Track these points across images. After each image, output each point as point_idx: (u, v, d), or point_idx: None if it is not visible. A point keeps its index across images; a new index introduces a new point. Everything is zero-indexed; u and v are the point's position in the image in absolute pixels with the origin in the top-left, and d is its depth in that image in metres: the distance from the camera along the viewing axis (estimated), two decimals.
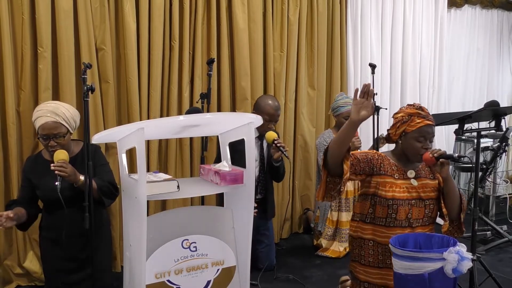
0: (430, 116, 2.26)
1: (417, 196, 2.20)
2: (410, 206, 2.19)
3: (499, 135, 4.05)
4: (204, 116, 2.29)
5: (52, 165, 2.14)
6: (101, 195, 2.31)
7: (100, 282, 2.37)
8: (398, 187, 2.19)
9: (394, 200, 2.17)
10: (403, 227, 2.19)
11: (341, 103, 3.75)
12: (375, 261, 2.24)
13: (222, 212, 2.22)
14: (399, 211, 2.17)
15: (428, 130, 2.20)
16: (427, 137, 2.20)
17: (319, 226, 3.83)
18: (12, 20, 3.01)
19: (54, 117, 2.24)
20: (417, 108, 2.25)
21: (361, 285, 2.31)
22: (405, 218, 2.19)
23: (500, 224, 4.34)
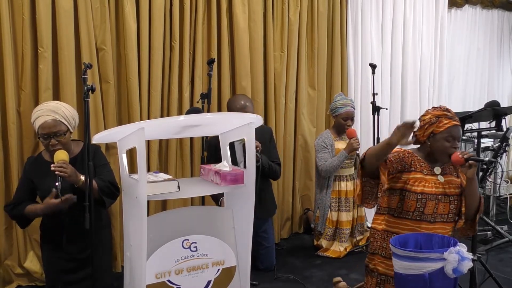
0: (456, 117, 2.33)
1: (443, 192, 2.28)
2: (437, 201, 2.27)
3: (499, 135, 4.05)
4: (205, 116, 2.29)
5: (53, 165, 2.14)
6: (102, 195, 2.31)
7: (101, 282, 2.37)
8: (427, 182, 2.29)
9: (423, 194, 2.27)
10: (429, 222, 2.27)
11: (340, 104, 3.75)
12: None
13: (222, 212, 2.23)
14: (427, 205, 2.26)
15: (456, 130, 2.28)
16: (455, 137, 2.28)
17: (319, 227, 3.83)
18: (13, 20, 3.01)
19: (54, 115, 2.25)
20: (443, 110, 2.34)
21: (379, 277, 2.38)
22: (432, 213, 2.27)
23: (500, 224, 4.34)
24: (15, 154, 3.03)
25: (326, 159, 3.70)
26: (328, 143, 3.75)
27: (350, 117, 3.74)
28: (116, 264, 3.39)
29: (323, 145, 3.75)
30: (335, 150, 3.74)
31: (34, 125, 2.30)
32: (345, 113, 3.72)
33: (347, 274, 3.34)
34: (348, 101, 3.77)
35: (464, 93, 5.43)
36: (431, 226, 2.26)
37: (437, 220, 2.28)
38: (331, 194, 3.77)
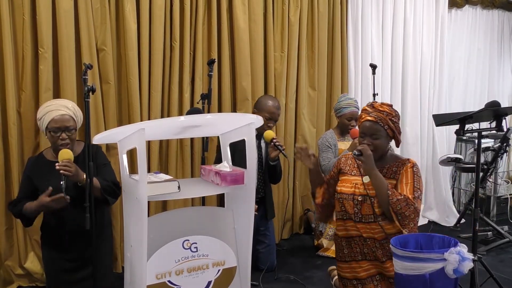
0: (380, 114, 2.30)
1: (364, 193, 2.28)
2: (357, 201, 2.29)
3: (500, 135, 4.05)
4: (205, 117, 2.29)
5: (57, 164, 2.15)
6: (105, 194, 2.33)
7: (101, 282, 2.37)
8: (348, 183, 2.34)
9: (341, 194, 2.34)
10: (355, 221, 2.30)
11: (344, 104, 3.75)
12: (342, 256, 2.39)
13: (223, 212, 2.22)
14: (346, 205, 2.31)
15: (366, 125, 2.31)
16: (366, 133, 2.32)
17: (320, 226, 3.83)
18: (13, 21, 3.01)
19: (66, 110, 2.31)
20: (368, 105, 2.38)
21: (341, 281, 2.44)
22: (354, 213, 2.29)
23: (501, 224, 4.33)
24: (16, 154, 3.03)
25: (330, 158, 3.70)
26: (332, 143, 3.75)
27: (354, 118, 3.74)
28: (117, 264, 3.39)
29: (327, 144, 3.74)
30: (338, 150, 3.74)
31: (42, 120, 2.32)
32: (350, 113, 3.72)
33: None
34: (352, 102, 3.77)
35: (465, 93, 5.42)
36: (360, 226, 2.28)
37: (364, 221, 2.28)
38: None
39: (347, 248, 2.36)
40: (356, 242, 2.33)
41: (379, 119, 2.26)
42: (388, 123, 2.28)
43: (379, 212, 2.24)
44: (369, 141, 2.27)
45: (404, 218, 2.17)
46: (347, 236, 2.34)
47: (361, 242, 2.31)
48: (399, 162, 2.34)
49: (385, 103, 2.37)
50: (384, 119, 2.27)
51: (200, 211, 2.29)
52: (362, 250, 2.32)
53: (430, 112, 4.82)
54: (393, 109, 2.34)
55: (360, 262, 2.33)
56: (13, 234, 3.13)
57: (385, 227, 2.24)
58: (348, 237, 2.34)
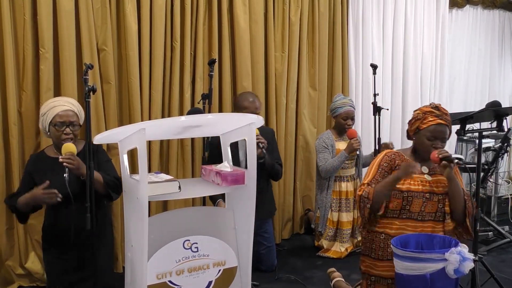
0: (446, 116, 2.28)
1: (430, 190, 2.26)
2: (425, 199, 2.25)
3: (500, 135, 4.05)
4: (206, 117, 2.29)
5: (61, 157, 2.18)
6: (108, 189, 2.35)
7: (102, 282, 2.37)
8: (413, 180, 2.27)
9: (409, 192, 2.25)
10: (416, 220, 2.25)
11: (339, 103, 3.75)
12: (385, 254, 2.31)
13: (223, 212, 2.23)
14: (413, 203, 2.24)
15: (439, 129, 2.24)
16: (438, 136, 2.24)
17: (319, 227, 3.83)
18: (14, 21, 3.01)
19: (71, 106, 2.36)
20: (432, 107, 2.31)
21: (369, 278, 2.38)
22: (419, 211, 2.25)
23: (502, 224, 4.33)
24: (16, 154, 3.03)
25: (327, 159, 3.70)
26: (329, 143, 3.75)
27: (350, 117, 3.74)
28: (117, 264, 3.39)
29: (323, 145, 3.75)
30: (335, 151, 3.74)
31: (46, 114, 2.33)
32: (345, 112, 3.72)
33: (348, 274, 3.33)
34: (347, 101, 3.77)
35: (465, 93, 5.42)
36: (419, 224, 2.24)
37: (426, 219, 2.26)
38: (332, 194, 3.77)
39: (388, 247, 2.27)
40: None
41: (448, 123, 2.26)
42: (451, 127, 2.30)
43: (448, 211, 2.25)
44: (440, 144, 2.25)
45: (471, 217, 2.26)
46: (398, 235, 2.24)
47: None
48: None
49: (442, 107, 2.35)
50: (450, 123, 2.28)
51: (201, 211, 2.29)
52: None
53: None
54: None
55: None
56: (14, 234, 3.13)
57: (449, 224, 2.27)
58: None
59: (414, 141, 2.35)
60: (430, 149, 2.23)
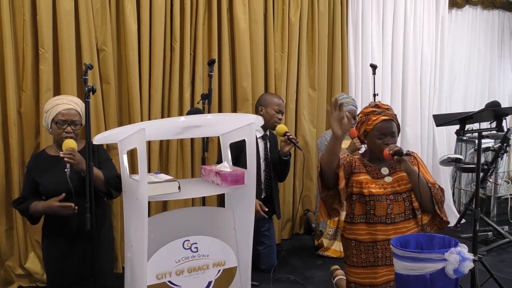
0: (389, 111, 2.26)
1: (393, 191, 2.24)
2: (389, 201, 2.22)
3: (500, 135, 4.05)
4: (205, 117, 2.29)
5: (62, 152, 2.20)
6: (108, 187, 2.36)
7: (102, 282, 2.37)
8: (374, 184, 2.24)
9: (370, 196, 2.22)
10: (386, 223, 2.21)
11: (342, 102, 3.74)
12: (359, 261, 2.28)
13: (223, 212, 2.22)
14: (377, 207, 2.21)
15: (385, 125, 2.23)
16: (386, 132, 2.23)
17: (320, 226, 3.83)
18: (14, 21, 3.01)
19: (74, 105, 2.38)
20: (372, 106, 2.30)
21: (349, 285, 2.34)
22: (385, 214, 2.21)
23: (501, 224, 4.33)
24: (16, 154, 3.03)
25: None
26: None
27: (353, 116, 3.74)
28: (117, 264, 3.39)
29: (326, 144, 3.74)
30: None
31: (49, 112, 2.35)
32: (348, 111, 3.72)
33: None
34: (350, 100, 3.77)
35: (465, 93, 5.42)
36: (390, 227, 2.20)
37: (397, 221, 2.22)
38: None
39: (365, 253, 2.25)
40: (381, 247, 2.23)
41: (392, 116, 2.25)
42: (397, 119, 2.29)
43: (417, 206, 2.23)
44: (390, 140, 2.23)
45: (442, 204, 2.21)
46: (371, 240, 2.24)
47: (385, 246, 2.22)
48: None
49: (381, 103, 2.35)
50: (394, 116, 2.27)
51: (201, 211, 2.29)
52: (384, 255, 2.23)
53: (430, 112, 4.82)
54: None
55: (379, 267, 2.24)
56: (14, 234, 3.13)
57: (423, 218, 2.23)
58: (372, 242, 2.24)
59: (368, 145, 2.33)
60: (382, 147, 2.20)
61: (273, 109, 3.33)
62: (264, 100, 3.42)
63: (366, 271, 2.25)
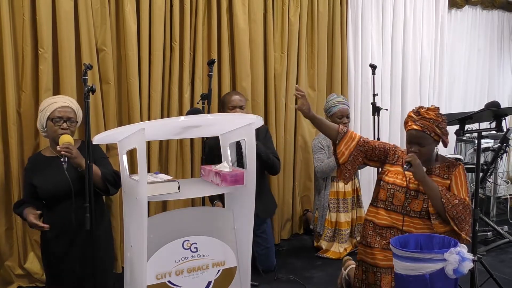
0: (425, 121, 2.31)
1: (416, 188, 2.32)
2: (409, 195, 2.32)
3: (500, 135, 4.05)
4: (205, 117, 2.29)
5: (59, 146, 2.23)
6: (106, 183, 2.37)
7: (101, 282, 2.37)
8: (401, 175, 2.36)
9: (393, 185, 2.36)
10: (401, 213, 2.33)
11: (333, 103, 3.75)
12: (372, 241, 2.42)
13: (222, 212, 2.23)
14: (395, 197, 2.33)
15: (412, 134, 2.33)
16: (412, 141, 2.34)
17: (318, 228, 3.83)
18: (13, 21, 3.01)
19: (70, 104, 2.41)
20: (414, 111, 2.38)
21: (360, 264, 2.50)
22: (401, 205, 2.33)
23: (501, 224, 4.33)
24: (16, 155, 3.03)
25: (323, 160, 3.70)
26: (325, 144, 3.75)
27: (345, 115, 3.72)
28: (117, 264, 3.38)
29: (319, 146, 3.75)
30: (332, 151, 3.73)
31: (45, 110, 2.37)
32: (339, 111, 3.71)
33: None
34: (340, 99, 3.77)
35: (465, 93, 5.43)
36: (407, 219, 2.31)
37: (411, 215, 2.32)
38: (329, 195, 3.77)
39: (377, 235, 2.38)
40: (390, 233, 2.35)
41: (424, 128, 2.29)
42: (435, 130, 2.30)
43: (433, 211, 2.28)
44: (417, 148, 2.32)
45: (461, 221, 2.23)
46: (383, 225, 2.37)
47: (395, 234, 2.33)
48: (449, 163, 2.41)
49: (432, 108, 2.36)
50: (430, 127, 2.28)
51: (200, 212, 2.29)
52: None
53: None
54: (440, 114, 2.34)
55: (385, 251, 2.35)
56: (13, 234, 3.13)
57: (438, 225, 2.28)
58: (383, 226, 2.37)
59: None
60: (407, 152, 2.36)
61: (228, 108, 3.24)
62: (222, 103, 3.35)
63: (374, 251, 2.38)
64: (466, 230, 2.26)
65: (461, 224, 2.24)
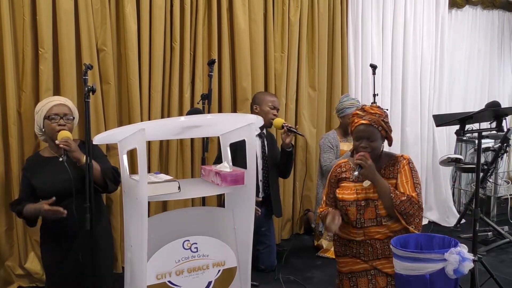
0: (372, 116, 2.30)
1: (366, 197, 2.29)
2: (360, 207, 2.29)
3: (500, 135, 4.05)
4: (205, 117, 2.29)
5: (57, 141, 2.23)
6: (106, 179, 2.37)
7: (101, 282, 2.37)
8: (349, 189, 2.33)
9: (343, 201, 2.32)
10: (356, 227, 2.30)
11: (347, 104, 3.74)
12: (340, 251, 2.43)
13: (223, 212, 2.22)
14: (348, 212, 2.30)
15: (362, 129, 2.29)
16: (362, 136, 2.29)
17: (320, 227, 3.83)
18: (13, 21, 3.01)
19: (64, 102, 2.43)
20: (359, 109, 2.36)
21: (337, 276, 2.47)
22: (355, 219, 2.29)
23: (501, 224, 4.33)
24: (16, 154, 3.03)
25: (331, 159, 3.70)
26: (334, 143, 3.75)
27: None
28: (117, 265, 3.39)
29: (329, 145, 3.74)
30: (339, 151, 3.74)
31: (41, 110, 2.38)
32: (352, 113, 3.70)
33: None
34: (355, 102, 3.76)
35: (465, 93, 5.42)
36: (360, 232, 2.29)
37: (367, 225, 2.28)
38: None
39: (343, 246, 2.39)
40: (354, 243, 2.34)
41: (372, 122, 2.28)
42: (381, 124, 2.29)
43: (384, 214, 2.26)
44: (366, 143, 2.28)
45: (409, 216, 2.24)
46: (348, 239, 2.35)
47: (358, 244, 2.33)
48: (394, 160, 2.36)
49: (374, 106, 2.39)
50: (377, 121, 2.29)
51: (200, 212, 2.29)
52: (358, 251, 2.33)
53: (430, 112, 4.82)
54: (382, 110, 2.36)
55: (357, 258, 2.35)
56: (13, 234, 3.13)
57: (391, 226, 2.27)
58: (348, 240, 2.36)
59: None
60: (358, 150, 2.29)
61: (267, 106, 3.33)
62: (258, 99, 3.41)
63: (346, 260, 2.37)
64: (415, 224, 2.26)
65: (409, 219, 2.24)
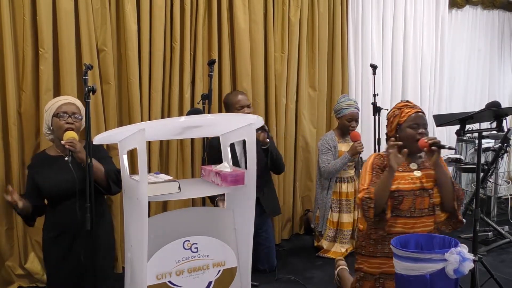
0: (418, 107, 2.40)
1: (420, 187, 2.29)
2: (415, 196, 2.28)
3: (500, 135, 4.05)
4: (205, 117, 2.29)
5: (63, 141, 2.23)
6: (109, 180, 2.37)
7: (102, 282, 2.37)
8: (402, 179, 2.30)
9: (399, 191, 2.27)
10: (406, 217, 2.27)
11: (344, 105, 3.74)
12: (374, 251, 2.36)
13: (223, 213, 2.23)
14: (403, 202, 2.26)
15: (418, 116, 2.34)
16: (419, 123, 2.32)
17: (319, 227, 3.82)
18: (14, 21, 3.01)
19: (73, 101, 2.45)
20: (404, 102, 2.43)
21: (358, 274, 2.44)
22: (408, 209, 2.27)
23: (501, 225, 4.33)
24: (16, 155, 3.03)
25: (329, 160, 3.70)
26: (332, 144, 3.75)
27: (355, 119, 3.73)
28: (117, 265, 3.39)
29: (326, 146, 3.74)
30: (338, 152, 3.74)
31: (50, 109, 2.39)
32: (350, 114, 3.71)
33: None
34: (352, 102, 3.76)
35: (465, 93, 5.43)
36: (410, 221, 2.27)
37: (416, 215, 2.28)
38: (332, 195, 3.77)
39: (381, 244, 2.32)
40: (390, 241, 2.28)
41: (423, 113, 2.38)
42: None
43: (438, 202, 2.29)
44: (423, 131, 2.31)
45: (461, 202, 2.30)
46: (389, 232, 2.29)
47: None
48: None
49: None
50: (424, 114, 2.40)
51: (201, 212, 2.29)
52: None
53: (430, 112, 4.82)
54: None
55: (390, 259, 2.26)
56: (14, 234, 3.13)
57: (440, 215, 2.30)
58: (389, 234, 2.29)
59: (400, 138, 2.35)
60: (416, 136, 2.28)
61: (235, 109, 3.25)
62: (226, 104, 3.35)
63: (379, 261, 2.33)
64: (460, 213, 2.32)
65: (460, 206, 2.32)
